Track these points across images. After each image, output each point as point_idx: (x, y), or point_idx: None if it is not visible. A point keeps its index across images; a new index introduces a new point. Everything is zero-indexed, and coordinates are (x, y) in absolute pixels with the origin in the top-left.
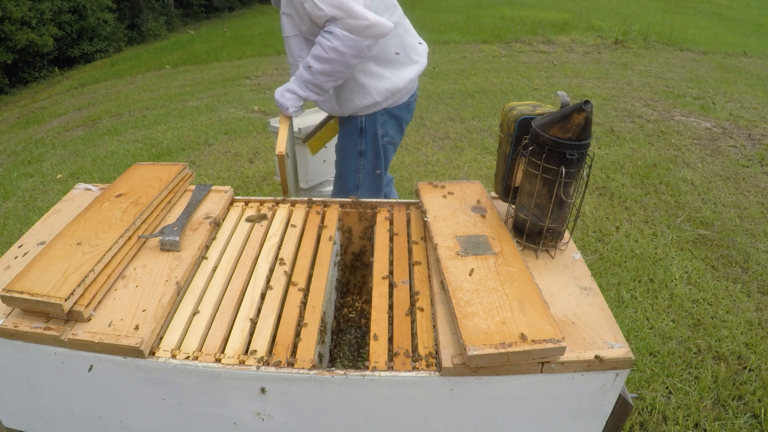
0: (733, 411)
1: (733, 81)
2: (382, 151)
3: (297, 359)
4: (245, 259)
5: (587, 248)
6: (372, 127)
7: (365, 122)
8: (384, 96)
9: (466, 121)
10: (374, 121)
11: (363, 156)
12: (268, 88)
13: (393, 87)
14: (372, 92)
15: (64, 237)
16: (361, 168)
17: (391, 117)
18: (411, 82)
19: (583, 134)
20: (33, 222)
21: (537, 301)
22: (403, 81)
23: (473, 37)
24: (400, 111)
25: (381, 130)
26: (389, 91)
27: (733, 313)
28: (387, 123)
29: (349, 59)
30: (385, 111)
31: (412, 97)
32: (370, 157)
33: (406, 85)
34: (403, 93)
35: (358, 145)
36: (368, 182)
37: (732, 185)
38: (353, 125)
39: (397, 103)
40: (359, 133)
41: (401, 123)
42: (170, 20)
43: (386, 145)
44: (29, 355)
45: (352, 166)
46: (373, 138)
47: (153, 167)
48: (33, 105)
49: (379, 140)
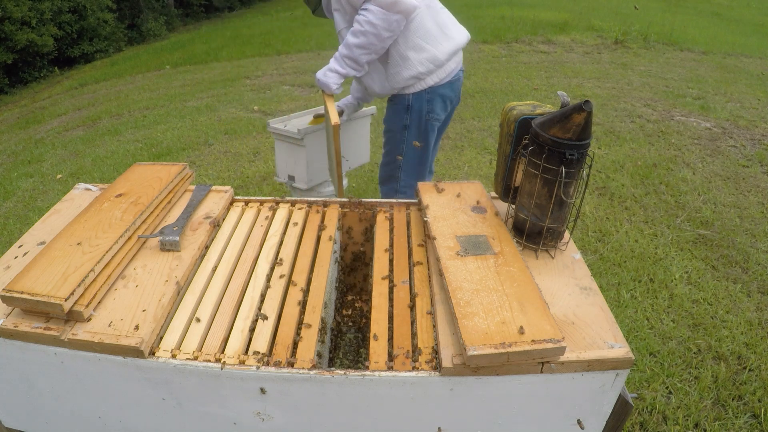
0: (733, 411)
1: (733, 81)
2: (429, 128)
3: (297, 359)
4: (245, 259)
5: (587, 248)
6: (418, 104)
7: (412, 100)
8: (426, 66)
9: (466, 121)
10: (420, 99)
11: (407, 130)
12: (268, 88)
13: (433, 57)
14: (415, 63)
15: (64, 237)
16: (405, 140)
17: (436, 95)
18: (450, 55)
19: (583, 134)
20: (33, 222)
21: (537, 301)
22: (442, 53)
23: (473, 37)
24: (444, 89)
25: (426, 107)
26: (429, 62)
27: (733, 313)
28: (433, 101)
29: (381, 31)
30: (431, 89)
31: (455, 77)
32: (413, 131)
33: (446, 58)
34: (444, 68)
35: (404, 119)
36: (411, 153)
37: (732, 185)
38: (402, 102)
39: (441, 81)
40: (406, 110)
41: (445, 101)
42: (170, 20)
43: (431, 122)
44: (29, 355)
45: (398, 138)
46: (419, 114)
47: (153, 167)
48: (33, 105)
49: (423, 116)
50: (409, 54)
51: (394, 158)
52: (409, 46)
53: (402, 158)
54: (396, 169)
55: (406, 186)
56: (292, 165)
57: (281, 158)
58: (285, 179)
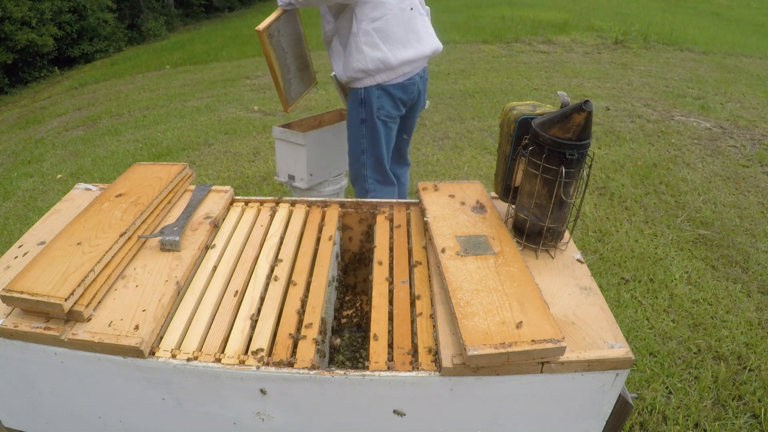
0: (733, 411)
1: (733, 81)
2: (381, 124)
3: (297, 359)
4: (245, 259)
5: (587, 248)
6: (368, 99)
7: (364, 94)
8: (375, 65)
9: (466, 121)
10: (370, 95)
11: (365, 124)
12: (268, 88)
13: (384, 59)
14: (366, 59)
15: (64, 237)
16: (364, 134)
17: (386, 93)
18: (404, 62)
19: (583, 134)
20: (33, 222)
21: (537, 301)
22: (395, 58)
23: (473, 37)
24: (394, 89)
25: (377, 102)
26: (380, 62)
27: (733, 313)
28: (382, 98)
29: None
30: (380, 86)
31: (409, 80)
32: (370, 125)
33: (399, 64)
34: (396, 72)
35: (360, 113)
36: (371, 150)
37: (732, 185)
38: (356, 96)
39: (390, 81)
40: (360, 103)
41: (396, 101)
42: (170, 20)
43: (384, 119)
44: (29, 355)
45: (357, 132)
46: (370, 109)
47: (153, 167)
48: (33, 105)
49: (375, 112)
50: (364, 48)
51: (358, 156)
52: (366, 41)
53: (365, 155)
54: (361, 167)
55: (374, 184)
56: (292, 165)
57: (281, 158)
58: (285, 179)
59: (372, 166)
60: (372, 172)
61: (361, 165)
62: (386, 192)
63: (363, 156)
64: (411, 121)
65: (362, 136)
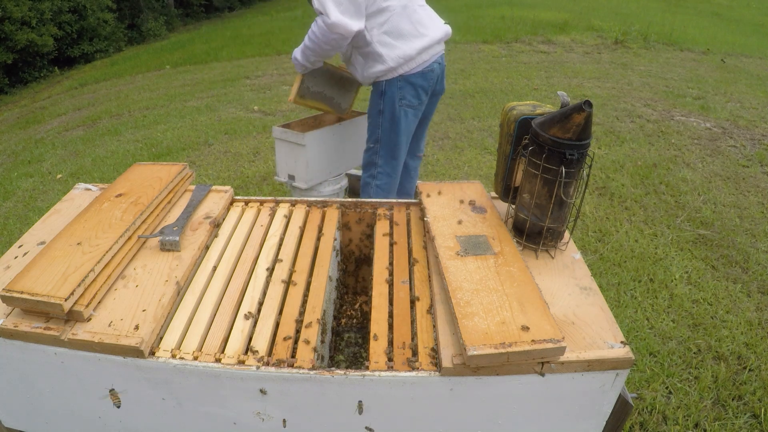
0: (733, 411)
1: (733, 81)
2: (402, 114)
3: (297, 359)
4: (245, 259)
5: (587, 248)
6: (390, 91)
7: (385, 86)
8: (397, 62)
9: (466, 121)
10: (393, 86)
11: (382, 115)
12: (268, 88)
13: (403, 54)
14: (386, 59)
15: (64, 237)
16: (380, 125)
17: (407, 83)
18: (421, 51)
19: (583, 134)
20: (33, 222)
21: (537, 301)
22: (413, 49)
23: (473, 37)
24: (415, 78)
25: (399, 93)
26: (402, 58)
27: (733, 313)
28: (404, 88)
29: (322, 44)
30: (402, 77)
31: (428, 67)
32: (388, 116)
33: (417, 54)
34: (416, 61)
35: (378, 104)
36: (386, 139)
37: (732, 185)
38: (377, 88)
39: (412, 70)
40: (380, 95)
41: (417, 89)
42: (170, 20)
43: (405, 108)
44: (29, 355)
45: (374, 123)
46: (391, 100)
47: (153, 167)
48: (33, 105)
49: (396, 102)
50: (381, 51)
51: (374, 143)
52: (382, 44)
53: (379, 144)
54: (374, 155)
55: (383, 173)
56: (292, 164)
57: (281, 158)
58: (285, 179)
59: (384, 157)
60: (384, 162)
61: (375, 152)
62: (389, 184)
63: (377, 145)
64: (431, 108)
65: (378, 126)
